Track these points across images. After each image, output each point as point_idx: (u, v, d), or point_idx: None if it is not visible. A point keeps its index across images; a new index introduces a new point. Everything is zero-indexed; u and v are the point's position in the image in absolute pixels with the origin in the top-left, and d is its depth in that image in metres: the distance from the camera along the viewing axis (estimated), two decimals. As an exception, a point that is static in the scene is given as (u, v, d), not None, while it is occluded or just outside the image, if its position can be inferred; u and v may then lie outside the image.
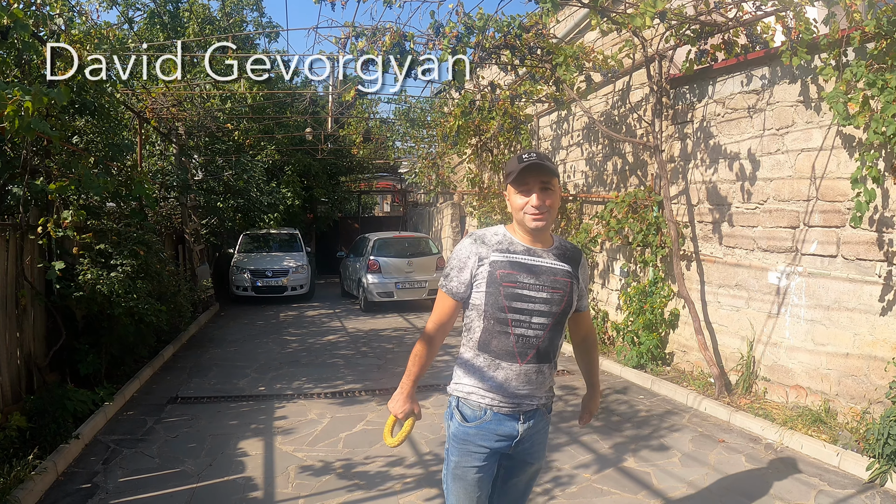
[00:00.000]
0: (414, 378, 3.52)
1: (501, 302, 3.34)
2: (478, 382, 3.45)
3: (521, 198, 3.34)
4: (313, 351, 12.72)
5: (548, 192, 3.33)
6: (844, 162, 7.36)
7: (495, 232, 3.50)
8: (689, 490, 6.10)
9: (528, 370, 3.40)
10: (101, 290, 8.55)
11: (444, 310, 3.52)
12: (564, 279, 3.43)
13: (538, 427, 3.54)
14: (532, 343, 3.38)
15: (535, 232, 3.39)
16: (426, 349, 3.53)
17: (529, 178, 3.31)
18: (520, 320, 3.35)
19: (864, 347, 7.22)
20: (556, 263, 3.44)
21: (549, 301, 3.37)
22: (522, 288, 3.34)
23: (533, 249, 3.43)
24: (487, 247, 3.42)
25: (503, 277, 3.34)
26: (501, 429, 3.43)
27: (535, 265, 3.39)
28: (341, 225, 32.09)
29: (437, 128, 16.27)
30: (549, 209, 3.34)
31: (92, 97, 9.48)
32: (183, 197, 16.78)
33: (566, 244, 3.59)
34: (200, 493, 6.10)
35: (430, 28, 8.94)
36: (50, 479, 6.26)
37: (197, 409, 8.81)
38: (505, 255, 3.39)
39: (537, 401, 3.48)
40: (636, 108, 11.33)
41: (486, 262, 3.37)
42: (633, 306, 10.59)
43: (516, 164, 3.35)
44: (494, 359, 3.40)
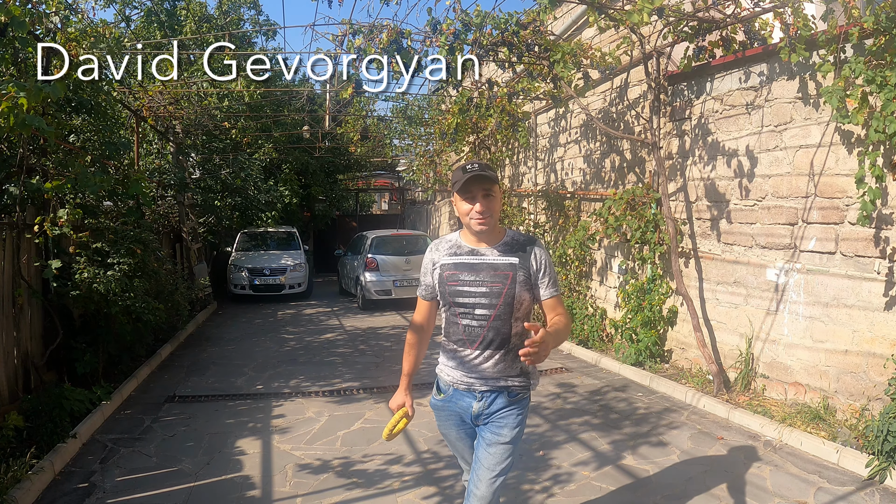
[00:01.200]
0: (405, 374, 4.16)
1: (448, 298, 3.85)
2: (446, 362, 3.99)
3: (466, 205, 3.74)
4: (311, 349, 12.71)
5: (489, 199, 3.72)
6: (843, 158, 7.34)
7: (449, 238, 3.99)
8: (687, 487, 6.08)
9: (477, 355, 3.81)
10: (98, 289, 8.53)
11: (421, 310, 4.12)
12: (505, 272, 3.76)
13: (498, 408, 3.86)
14: (477, 332, 3.79)
15: (479, 234, 3.80)
16: (412, 346, 4.16)
17: (473, 186, 3.70)
18: (464, 312, 3.80)
19: (862, 344, 7.20)
20: (500, 258, 3.80)
21: (488, 294, 3.75)
22: (463, 284, 3.79)
23: (476, 249, 3.85)
24: (440, 252, 3.94)
25: (448, 277, 3.84)
26: (461, 403, 3.94)
27: (476, 263, 3.80)
28: (339, 223, 32.10)
29: (435, 125, 16.25)
30: (492, 213, 3.73)
31: (88, 95, 9.46)
32: (180, 195, 16.77)
33: (518, 237, 3.92)
34: (198, 492, 6.08)
35: (427, 25, 8.91)
36: (47, 478, 6.24)
37: (194, 407, 8.79)
38: (452, 257, 3.87)
39: (493, 383, 3.84)
40: (634, 105, 11.32)
41: (438, 266, 3.90)
42: (632, 303, 10.58)
43: (461, 175, 3.72)
44: (453, 344, 3.90)
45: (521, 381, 3.91)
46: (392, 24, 8.75)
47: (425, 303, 4.09)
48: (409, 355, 4.17)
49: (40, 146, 8.19)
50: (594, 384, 9.69)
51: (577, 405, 8.64)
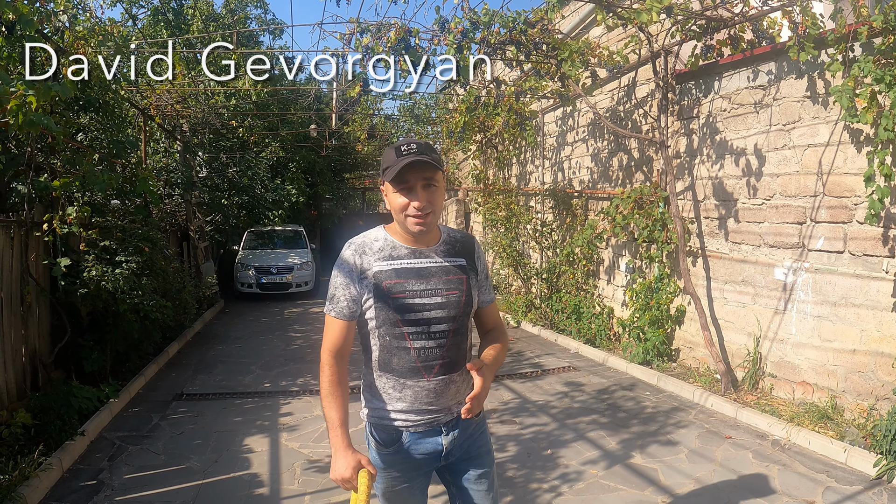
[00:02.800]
0: (339, 424, 3.00)
1: (393, 316, 2.99)
2: (388, 404, 3.10)
3: (400, 197, 2.95)
4: (318, 347, 12.42)
5: (431, 190, 2.95)
6: (851, 157, 7.33)
7: (375, 237, 3.11)
8: (695, 486, 6.08)
9: (437, 384, 3.06)
10: (106, 287, 8.55)
11: (337, 333, 3.09)
12: (458, 276, 3.09)
13: (468, 433, 3.22)
14: (436, 354, 3.03)
15: (416, 235, 3.02)
16: (333, 386, 3.07)
17: (410, 174, 2.91)
18: (417, 332, 3.00)
19: (870, 344, 7.19)
20: (447, 260, 3.10)
21: (445, 305, 3.03)
22: (413, 296, 2.99)
23: (418, 251, 3.07)
24: (368, 256, 3.04)
25: (390, 288, 2.98)
26: (423, 447, 3.12)
27: (423, 268, 3.04)
28: (346, 222, 32.07)
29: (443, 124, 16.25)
30: (434, 209, 2.96)
31: (96, 94, 9.48)
32: (187, 194, 16.79)
33: (454, 234, 3.23)
34: (206, 490, 6.09)
35: (435, 24, 8.91)
36: (55, 475, 6.26)
37: (202, 405, 8.80)
38: (388, 262, 3.02)
39: (458, 408, 3.14)
40: (642, 103, 11.31)
41: (370, 274, 3.01)
42: (639, 302, 10.58)
43: (394, 159, 2.93)
44: (399, 378, 3.05)
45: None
46: (400, 23, 8.74)
47: (341, 324, 3.07)
48: (335, 397, 3.05)
49: (48, 145, 8.21)
50: (602, 383, 9.68)
51: (585, 404, 8.64)
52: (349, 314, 3.06)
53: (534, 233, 14.88)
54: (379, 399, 3.12)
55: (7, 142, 7.81)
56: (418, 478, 3.22)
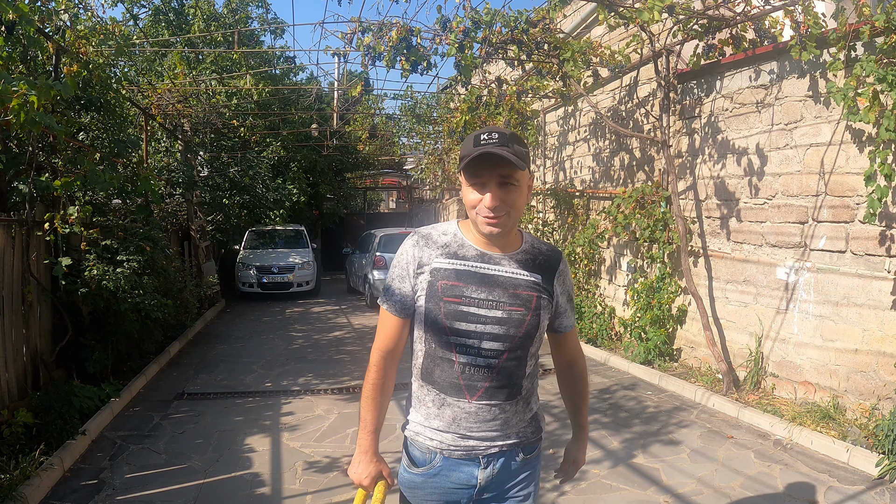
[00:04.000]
0: (371, 430, 2.74)
1: (442, 322, 2.60)
2: (426, 420, 2.73)
3: (473, 193, 2.55)
4: (319, 347, 12.70)
5: (509, 189, 2.52)
6: (854, 157, 7.32)
7: (445, 230, 2.75)
8: (698, 486, 6.07)
9: (480, 408, 2.64)
10: (108, 286, 8.54)
11: (390, 332, 2.77)
12: (528, 293, 2.64)
13: (511, 472, 2.77)
14: (483, 375, 2.63)
15: (490, 237, 2.62)
16: (375, 389, 2.76)
17: (485, 169, 2.50)
18: (465, 346, 2.61)
19: (873, 343, 7.18)
20: (519, 272, 2.66)
21: (504, 321, 2.60)
22: (469, 304, 2.59)
23: (488, 255, 2.66)
24: (430, 250, 2.68)
25: (445, 290, 2.60)
26: (455, 476, 2.71)
27: (488, 275, 2.63)
28: (347, 221, 32.12)
29: (444, 123, 16.24)
30: (510, 210, 2.55)
31: (97, 93, 9.47)
32: (188, 193, 16.78)
33: (540, 246, 2.79)
34: (207, 489, 6.08)
35: (436, 23, 8.92)
36: (56, 475, 6.25)
37: (203, 405, 8.80)
38: (451, 260, 2.65)
39: (503, 441, 2.71)
40: (643, 103, 11.30)
41: (427, 270, 2.65)
42: (641, 302, 10.56)
43: (471, 148, 2.51)
44: (439, 392, 2.68)
45: (533, 429, 2.85)
46: (402, 22, 8.75)
47: (396, 321, 2.74)
48: (374, 401, 2.75)
49: (49, 144, 8.20)
50: (603, 383, 9.67)
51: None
52: (404, 311, 2.72)
53: (535, 232, 14.86)
54: (418, 411, 2.76)
55: (8, 141, 7.80)
56: None
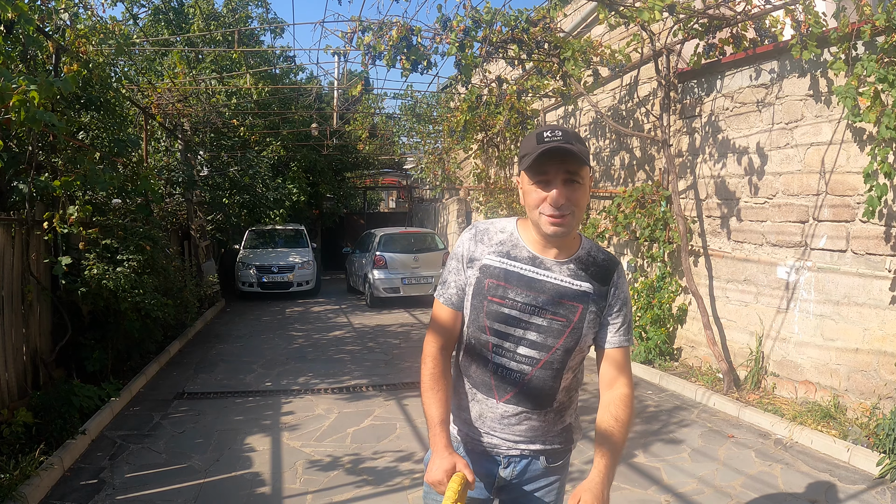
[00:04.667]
0: (438, 422, 2.60)
1: (483, 320, 2.62)
2: (455, 409, 2.79)
3: (536, 191, 2.49)
4: (319, 346, 12.70)
5: (574, 186, 2.46)
6: (854, 156, 7.31)
7: (502, 228, 2.71)
8: (698, 485, 6.07)
9: (505, 412, 2.65)
10: (108, 286, 8.53)
11: (444, 323, 2.73)
12: (575, 304, 2.59)
13: (532, 477, 2.76)
14: (514, 379, 2.62)
15: (551, 238, 2.56)
16: (435, 381, 2.67)
17: (550, 166, 2.44)
18: (502, 347, 2.61)
19: (873, 343, 7.17)
20: (569, 281, 2.60)
21: (545, 330, 2.58)
22: (511, 307, 2.58)
23: (540, 259, 2.61)
24: (485, 245, 2.67)
25: (490, 290, 2.61)
26: (476, 468, 2.64)
27: (536, 279, 2.59)
28: (347, 221, 32.09)
29: (444, 123, 16.23)
30: (575, 209, 2.49)
31: (97, 92, 9.46)
32: (188, 193, 16.77)
33: (598, 253, 2.70)
34: (208, 489, 6.08)
35: (437, 22, 8.91)
36: (56, 474, 6.24)
37: (203, 404, 8.80)
38: (502, 260, 2.62)
39: (527, 445, 2.70)
40: (644, 102, 11.29)
41: (477, 266, 2.65)
42: (641, 301, 10.56)
43: (534, 145, 2.45)
44: (472, 387, 2.71)
45: (563, 440, 2.81)
46: (402, 22, 8.74)
47: (449, 313, 2.72)
48: (435, 392, 2.64)
49: (49, 143, 8.19)
50: (603, 382, 9.65)
51: (587, 403, 8.59)
52: (458, 303, 2.70)
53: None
54: (454, 399, 2.79)
55: (8, 140, 7.78)
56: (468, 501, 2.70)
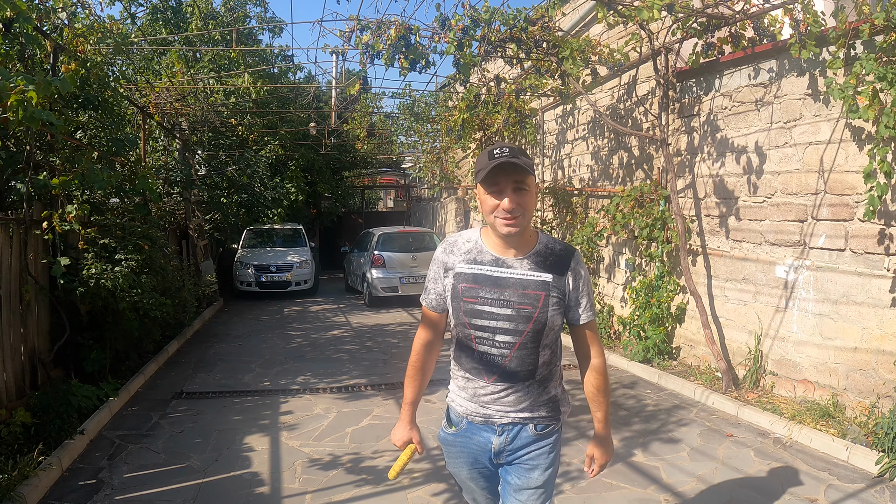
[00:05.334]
0: (409, 402, 3.43)
1: (462, 318, 3.16)
2: (458, 391, 3.33)
3: (491, 199, 3.03)
4: (318, 346, 12.69)
5: (522, 193, 3.01)
6: (853, 155, 7.31)
7: (468, 238, 3.26)
8: (698, 484, 6.07)
9: (495, 389, 3.17)
10: (106, 285, 8.53)
11: (428, 324, 3.40)
12: (536, 292, 3.08)
13: (524, 444, 3.24)
14: (496, 362, 3.14)
15: (507, 238, 3.09)
16: (416, 371, 3.42)
17: (501, 177, 2.98)
18: (482, 338, 3.14)
19: (872, 342, 7.18)
20: (530, 273, 3.10)
21: (515, 318, 3.08)
22: (483, 304, 3.10)
23: (502, 259, 3.13)
24: (455, 256, 3.21)
25: (464, 292, 3.13)
26: (477, 438, 3.27)
27: (501, 277, 3.10)
28: (345, 220, 32.07)
29: (442, 122, 16.21)
30: (524, 212, 3.02)
31: (95, 91, 9.45)
32: (186, 192, 16.75)
33: (555, 246, 3.22)
34: (207, 489, 6.08)
35: (435, 21, 8.89)
36: (55, 475, 6.24)
37: (202, 404, 8.79)
38: (471, 266, 3.16)
39: (516, 415, 3.21)
40: (642, 101, 11.28)
41: (451, 275, 3.20)
42: (640, 300, 10.55)
43: (486, 161, 3.00)
44: (465, 372, 3.26)
45: (549, 409, 3.30)
46: (400, 21, 8.73)
47: (433, 315, 3.35)
48: (412, 379, 3.42)
49: (47, 142, 8.17)
50: (602, 381, 9.64)
51: (586, 402, 8.60)
52: (438, 306, 3.30)
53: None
54: (453, 384, 3.37)
55: (6, 139, 7.77)
56: (475, 465, 3.36)
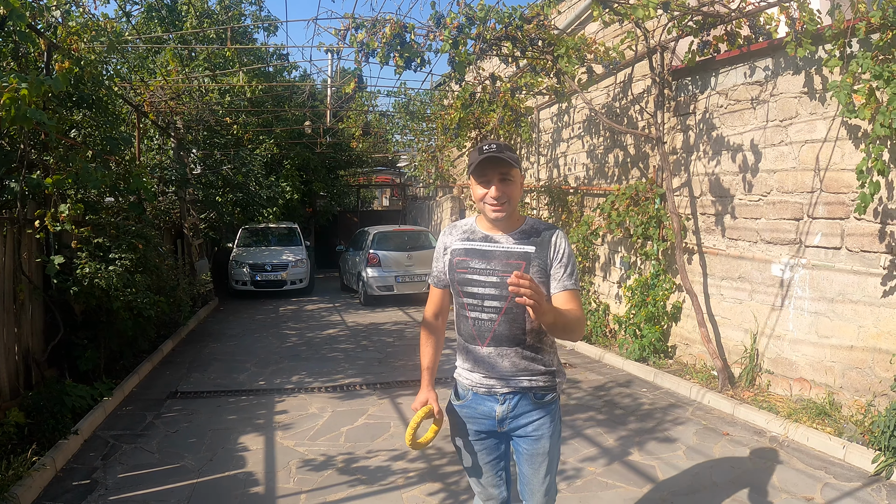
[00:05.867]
0: (425, 368, 3.78)
1: (456, 287, 3.57)
2: (462, 363, 3.68)
3: (481, 189, 3.45)
4: (313, 345, 12.67)
5: (507, 183, 3.42)
6: (849, 153, 7.29)
7: (465, 222, 3.70)
8: (694, 483, 6.05)
9: (490, 353, 3.50)
10: (100, 284, 8.49)
11: (434, 300, 3.82)
12: (519, 261, 3.44)
13: (525, 412, 3.56)
14: (487, 326, 3.49)
15: (495, 222, 3.49)
16: (427, 339, 3.83)
17: (489, 169, 3.39)
18: (473, 304, 3.51)
19: (868, 340, 7.16)
20: (514, 246, 3.48)
21: (500, 285, 3.43)
22: (473, 273, 3.49)
23: (490, 236, 3.54)
24: (453, 236, 3.65)
25: (457, 264, 3.55)
26: (481, 408, 3.59)
27: (488, 250, 3.50)
28: (340, 219, 32.04)
29: (438, 120, 16.19)
30: (509, 199, 3.43)
31: (89, 90, 9.41)
32: (181, 191, 16.70)
33: (540, 226, 3.59)
34: (201, 489, 6.05)
35: (430, 19, 8.87)
36: (49, 475, 6.21)
37: (197, 403, 8.76)
38: (464, 242, 3.58)
39: (516, 383, 3.52)
40: (638, 99, 11.26)
41: (449, 251, 3.62)
42: (635, 299, 10.53)
43: (476, 156, 3.42)
44: (465, 341, 3.60)
45: (545, 379, 3.59)
46: (395, 19, 8.70)
47: (437, 291, 3.80)
48: (426, 347, 3.83)
49: (41, 141, 8.14)
50: (598, 380, 9.65)
51: (582, 401, 8.61)
52: (440, 282, 3.75)
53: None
54: (458, 357, 3.72)
55: (0, 138, 7.74)
56: (478, 437, 3.68)
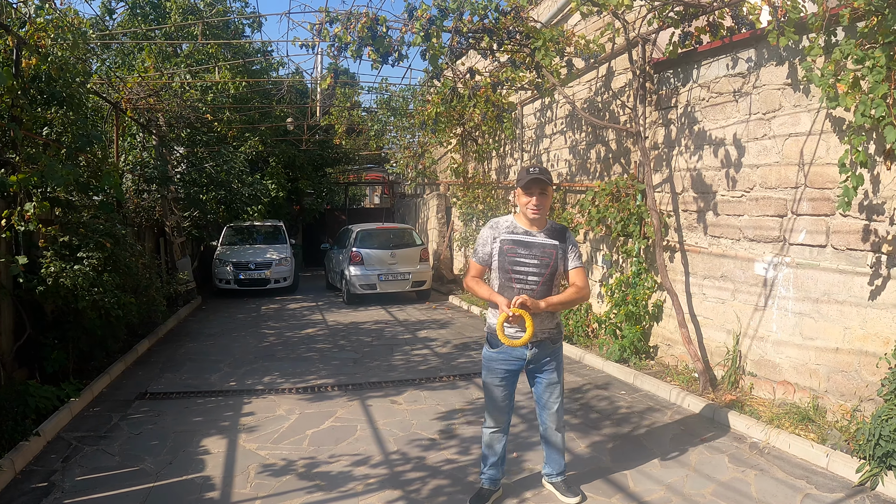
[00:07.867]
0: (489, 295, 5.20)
1: (507, 266, 5.17)
2: (495, 321, 5.17)
3: (525, 198, 5.18)
4: (290, 345, 12.49)
5: (544, 196, 5.17)
6: (834, 147, 7.08)
7: (506, 220, 5.35)
8: (667, 493, 5.81)
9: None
10: (65, 284, 8.36)
11: (477, 270, 5.43)
12: (551, 250, 5.19)
13: (544, 353, 5.30)
14: (529, 293, 5.06)
15: (532, 220, 5.22)
16: (478, 283, 5.34)
17: (533, 185, 5.13)
18: (519, 278, 5.14)
19: (854, 342, 6.95)
20: (546, 240, 5.21)
21: (539, 265, 5.14)
22: (520, 257, 5.15)
23: (529, 231, 5.23)
24: (499, 230, 5.27)
25: (508, 250, 5.17)
26: (515, 353, 5.23)
27: (529, 242, 5.19)
28: (328, 216, 32.00)
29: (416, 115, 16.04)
30: (544, 207, 5.19)
31: (61, 87, 9.23)
32: (163, 189, 16.51)
33: (556, 225, 5.37)
34: (156, 493, 5.90)
35: (404, 12, 8.68)
36: (7, 477, 6.11)
37: (165, 405, 8.58)
38: (510, 235, 5.22)
39: (540, 335, 5.20)
40: (619, 94, 11.08)
41: (498, 241, 5.22)
42: (616, 298, 10.35)
43: (525, 175, 5.13)
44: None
45: (556, 330, 5.36)
46: (369, 12, 8.51)
47: (479, 266, 5.38)
48: (480, 287, 5.27)
49: (10, 139, 7.95)
50: (576, 381, 9.43)
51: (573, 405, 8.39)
52: (484, 262, 5.34)
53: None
54: (492, 317, 5.31)
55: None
56: (510, 376, 5.35)
